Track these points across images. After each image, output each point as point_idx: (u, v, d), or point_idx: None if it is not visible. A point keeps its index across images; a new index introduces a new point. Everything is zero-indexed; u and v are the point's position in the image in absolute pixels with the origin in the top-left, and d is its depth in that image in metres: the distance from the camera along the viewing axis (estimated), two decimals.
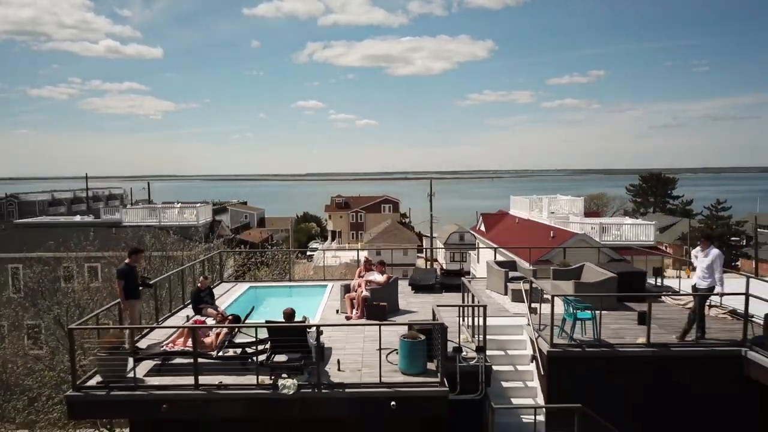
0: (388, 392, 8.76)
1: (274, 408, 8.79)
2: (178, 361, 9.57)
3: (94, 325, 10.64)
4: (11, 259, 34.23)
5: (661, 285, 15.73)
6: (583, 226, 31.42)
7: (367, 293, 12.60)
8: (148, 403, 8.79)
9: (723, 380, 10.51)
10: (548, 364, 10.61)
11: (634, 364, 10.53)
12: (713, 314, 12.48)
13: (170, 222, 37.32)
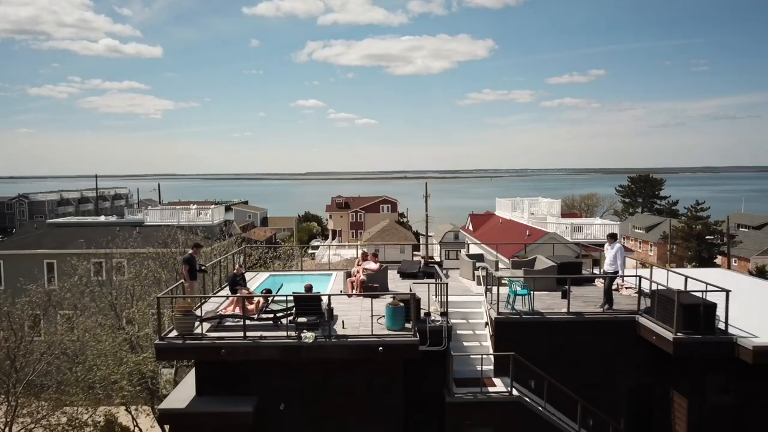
0: (377, 341, 12.69)
1: (299, 352, 12.71)
2: (228, 323, 13.50)
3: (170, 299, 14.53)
4: (46, 255, 38.17)
5: (595, 272, 19.64)
6: (558, 226, 35.35)
7: (364, 277, 16.50)
8: (210, 348, 12.72)
9: (622, 337, 14.42)
10: (495, 327, 14.55)
11: (557, 327, 14.46)
12: (626, 293, 16.37)
13: (188, 222, 41.29)
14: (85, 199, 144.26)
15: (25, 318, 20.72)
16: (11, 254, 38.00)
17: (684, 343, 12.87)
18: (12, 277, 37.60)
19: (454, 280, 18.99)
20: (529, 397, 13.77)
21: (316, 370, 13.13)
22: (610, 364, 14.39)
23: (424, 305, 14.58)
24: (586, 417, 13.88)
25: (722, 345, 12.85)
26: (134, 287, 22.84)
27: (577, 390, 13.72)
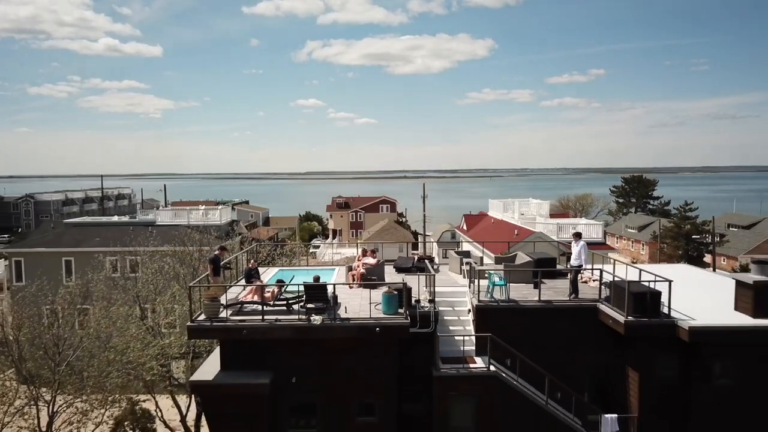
0: (375, 323, 15.04)
1: (308, 333, 15.05)
2: (248, 308, 15.85)
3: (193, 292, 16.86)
4: (65, 253, 40.50)
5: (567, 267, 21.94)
6: (546, 226, 37.69)
7: (364, 271, 18.84)
8: (233, 329, 15.07)
9: (585, 321, 16.75)
10: (476, 313, 16.90)
11: (529, 313, 16.80)
12: (593, 285, 18.69)
13: (197, 222, 43.62)
14: (89, 199, 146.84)
15: (66, 308, 22.93)
16: (32, 252, 40.31)
17: (633, 325, 15.22)
18: (32, 273, 39.88)
19: (443, 274, 21.37)
20: (504, 373, 16.11)
21: (323, 348, 15.48)
22: (574, 345, 16.72)
23: (416, 294, 16.93)
24: (553, 390, 16.22)
25: (665, 327, 15.21)
26: (157, 281, 25.13)
27: (546, 367, 16.06)
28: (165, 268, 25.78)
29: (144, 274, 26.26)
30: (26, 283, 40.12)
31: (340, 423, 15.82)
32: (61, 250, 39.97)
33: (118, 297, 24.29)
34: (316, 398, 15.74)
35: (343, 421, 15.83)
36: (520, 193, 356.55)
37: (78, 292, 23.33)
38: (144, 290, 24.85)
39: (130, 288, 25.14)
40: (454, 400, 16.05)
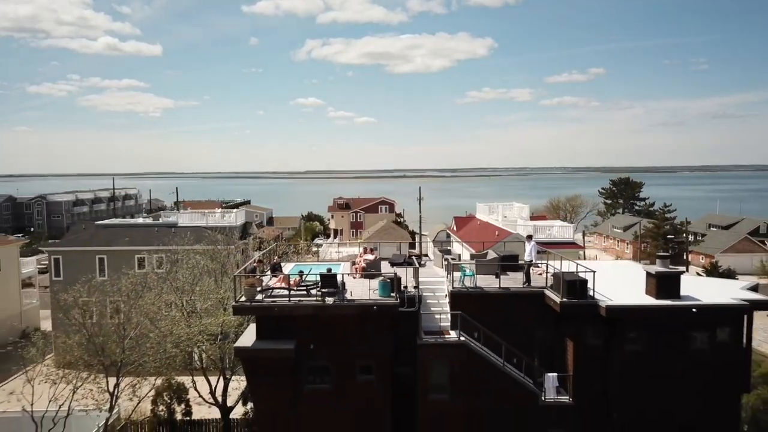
0: (373, 303, 20.07)
1: (323, 310, 20.08)
2: (277, 292, 20.89)
3: (238, 280, 21.90)
4: (97, 251, 45.47)
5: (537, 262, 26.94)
6: (525, 228, 42.67)
7: (364, 264, 23.86)
8: (267, 308, 20.10)
9: (535, 304, 21.75)
10: (451, 297, 21.93)
11: (491, 297, 21.81)
12: (544, 276, 23.68)
13: (215, 224, 48.62)
14: (98, 199, 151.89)
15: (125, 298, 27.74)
16: (69, 250, 45.28)
17: (566, 305, 20.25)
18: (69, 269, 44.96)
19: (429, 268, 26.47)
20: (472, 342, 21.14)
21: (334, 323, 20.50)
22: (526, 321, 21.73)
23: (404, 282, 21.97)
24: (510, 356, 21.23)
25: (590, 306, 20.24)
26: (193, 275, 30.06)
27: (504, 338, 21.08)
28: (201, 264, 30.70)
29: (181, 268, 31.05)
30: (64, 278, 45.30)
31: (347, 380, 20.85)
32: (96, 249, 44.96)
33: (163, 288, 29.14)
34: (328, 361, 20.77)
35: (349, 379, 20.87)
36: (518, 193, 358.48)
37: (138, 282, 28.17)
38: (184, 282, 29.72)
39: (171, 281, 30.00)
40: (433, 363, 21.09)
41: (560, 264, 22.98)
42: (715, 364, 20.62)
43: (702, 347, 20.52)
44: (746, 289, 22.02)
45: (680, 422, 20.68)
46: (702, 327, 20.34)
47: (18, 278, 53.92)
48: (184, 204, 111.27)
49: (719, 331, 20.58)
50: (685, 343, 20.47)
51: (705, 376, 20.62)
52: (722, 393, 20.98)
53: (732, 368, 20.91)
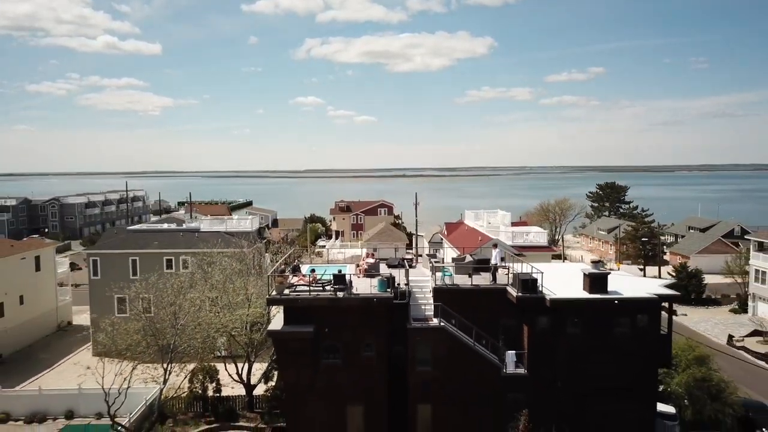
0: (373, 296, 26.33)
1: (335, 302, 26.34)
2: (299, 288, 27.14)
3: (272, 279, 28.14)
4: (130, 253, 51.51)
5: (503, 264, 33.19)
6: (506, 234, 48.90)
7: (366, 266, 30.09)
8: (292, 299, 26.37)
9: (499, 298, 27.97)
10: (434, 291, 28.19)
11: (466, 292, 28.05)
12: (507, 275, 29.87)
13: (233, 229, 54.77)
14: (108, 201, 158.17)
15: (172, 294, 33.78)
16: (106, 253, 51.36)
17: (521, 298, 26.47)
18: (106, 270, 51.08)
19: (418, 269, 32.70)
20: (449, 327, 27.35)
21: (343, 312, 26.71)
22: (493, 311, 27.96)
23: (398, 280, 28.20)
24: (479, 338, 27.44)
25: (539, 299, 26.47)
26: (225, 275, 36.24)
27: (475, 323, 27.30)
28: (232, 266, 36.90)
29: (215, 269, 37.15)
30: (101, 277, 51.43)
31: (353, 356, 27.06)
32: (129, 252, 51.03)
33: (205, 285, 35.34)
34: (339, 341, 26.99)
35: (355, 356, 27.08)
36: (516, 193, 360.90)
37: (185, 281, 34.31)
38: (218, 281, 35.87)
39: (207, 279, 36.17)
40: (419, 343, 27.31)
41: (520, 266, 29.23)
42: (637, 344, 26.88)
43: (625, 330, 26.79)
44: (662, 286, 28.26)
45: (609, 387, 26.92)
46: (624, 315, 26.62)
47: (54, 277, 60.09)
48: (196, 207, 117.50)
49: (639, 318, 26.84)
50: (612, 327, 26.75)
51: (628, 353, 26.88)
52: (644, 366, 27.25)
53: (651, 347, 27.17)
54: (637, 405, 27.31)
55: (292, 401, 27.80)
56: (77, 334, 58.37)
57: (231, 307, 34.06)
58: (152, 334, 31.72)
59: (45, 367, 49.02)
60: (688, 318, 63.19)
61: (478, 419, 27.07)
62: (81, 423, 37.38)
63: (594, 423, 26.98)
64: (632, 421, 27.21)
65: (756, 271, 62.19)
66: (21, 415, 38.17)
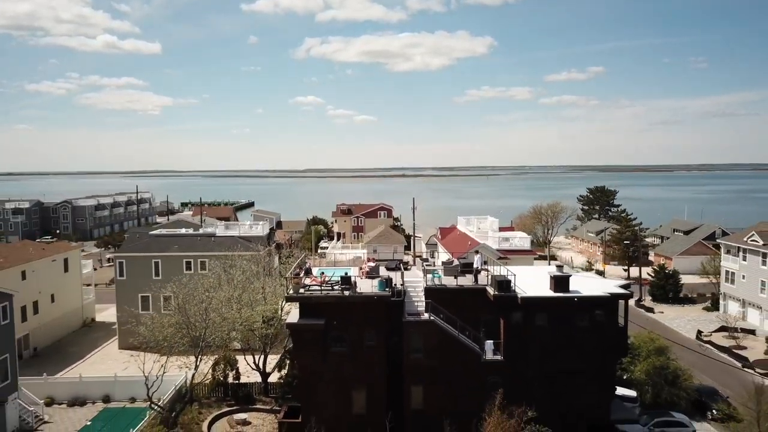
0: (373, 294, 31.59)
1: (342, 299, 31.60)
2: (312, 287, 32.39)
3: (289, 280, 33.36)
4: (153, 256, 56.71)
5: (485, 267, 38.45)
6: (494, 239, 54.12)
7: (368, 269, 35.31)
8: (307, 297, 31.63)
9: (480, 296, 33.19)
10: (425, 290, 33.44)
11: (453, 291, 33.28)
12: (487, 277, 35.06)
13: (246, 233, 59.99)
14: (116, 203, 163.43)
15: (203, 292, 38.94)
16: (131, 256, 56.56)
17: (498, 296, 31.69)
18: (131, 271, 56.29)
19: (413, 271, 37.90)
20: (438, 320, 32.55)
21: (349, 308, 31.92)
22: (475, 307, 33.14)
23: (395, 281, 33.43)
24: (463, 329, 32.62)
25: (512, 297, 31.67)
26: (246, 276, 41.45)
27: (459, 318, 32.48)
28: (252, 268, 42.13)
29: (237, 271, 42.34)
30: (126, 278, 56.63)
31: (357, 345, 32.27)
32: (152, 255, 56.24)
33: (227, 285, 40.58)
34: (345, 332, 32.20)
35: (359, 345, 32.29)
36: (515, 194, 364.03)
37: (214, 281, 39.51)
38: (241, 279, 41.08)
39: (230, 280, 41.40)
40: (413, 334, 32.50)
41: (498, 269, 34.45)
42: (595, 335, 32.09)
43: (585, 323, 32.01)
44: (618, 286, 33.50)
45: (572, 371, 32.12)
46: (584, 310, 31.85)
47: (80, 278, 65.29)
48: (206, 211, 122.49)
49: (597, 313, 32.07)
50: (574, 321, 31.97)
51: (588, 342, 32.09)
52: (601, 354, 32.45)
53: (608, 338, 32.39)
54: (595, 387, 32.52)
55: (305, 383, 33.04)
56: (101, 330, 63.69)
57: (251, 304, 39.28)
58: (185, 327, 36.85)
59: (77, 359, 54.27)
60: (664, 315, 68.48)
61: (462, 398, 32.26)
62: (117, 406, 42.59)
63: (558, 402, 32.18)
64: (591, 401, 32.42)
65: (726, 272, 67.43)
66: (63, 400, 43.39)
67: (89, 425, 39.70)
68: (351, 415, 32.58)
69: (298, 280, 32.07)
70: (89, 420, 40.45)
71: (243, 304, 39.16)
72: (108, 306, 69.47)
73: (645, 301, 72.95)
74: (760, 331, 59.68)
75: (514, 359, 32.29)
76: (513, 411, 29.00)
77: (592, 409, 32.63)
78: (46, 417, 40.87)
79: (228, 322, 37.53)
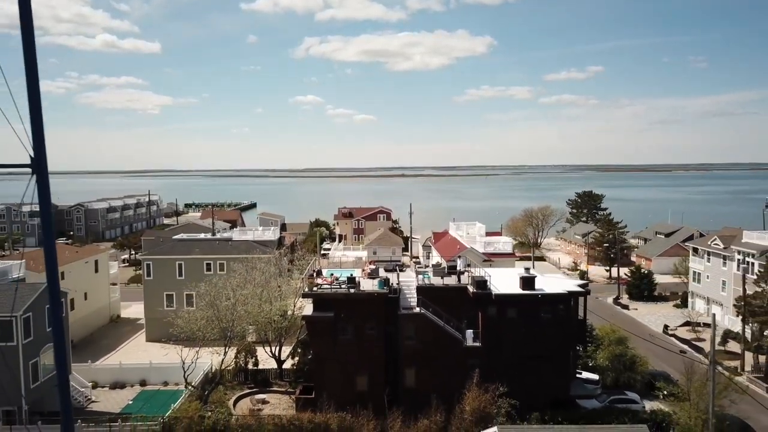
0: (374, 292, 38.47)
1: (348, 295, 38.45)
2: (324, 286, 39.26)
3: (304, 280, 40.21)
4: (177, 258, 63.54)
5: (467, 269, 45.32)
6: (481, 243, 60.93)
7: (369, 270, 42.14)
8: (320, 294, 38.51)
9: (463, 293, 40.03)
10: (417, 289, 40.31)
11: (440, 289, 40.14)
12: (468, 277, 41.89)
13: (259, 238, 66.81)
14: (126, 206, 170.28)
15: (230, 290, 45.73)
16: (157, 258, 63.38)
17: (476, 294, 38.54)
18: (157, 272, 63.09)
19: (407, 272, 44.73)
20: (428, 314, 39.37)
21: (353, 303, 38.75)
22: (458, 304, 39.94)
23: (392, 281, 40.27)
24: (448, 321, 39.46)
25: (488, 294, 38.54)
26: (265, 277, 48.26)
27: (445, 311, 39.32)
28: (270, 269, 48.98)
29: (258, 272, 49.14)
30: (153, 277, 63.42)
31: (361, 335, 39.12)
32: (176, 257, 63.03)
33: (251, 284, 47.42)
34: (350, 322, 39.04)
35: (362, 333, 39.14)
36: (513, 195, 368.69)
37: (240, 281, 46.34)
38: (261, 279, 47.92)
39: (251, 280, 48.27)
40: (406, 325, 39.33)
41: (477, 270, 41.28)
42: (557, 326, 38.93)
43: (548, 316, 38.87)
44: (577, 285, 40.34)
45: (537, 356, 38.97)
46: (546, 305, 38.71)
47: (108, 277, 72.10)
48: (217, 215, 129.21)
49: (559, 307, 38.92)
50: (539, 314, 38.81)
51: (551, 333, 38.94)
52: (563, 342, 39.31)
53: (569, 329, 39.24)
54: (557, 369, 39.41)
55: (318, 366, 39.91)
56: (127, 324, 70.53)
57: (270, 301, 46.18)
58: (216, 320, 43.70)
59: (110, 350, 61.07)
60: (638, 312, 75.31)
61: (446, 377, 39.11)
62: (152, 389, 49.40)
63: (526, 381, 39.03)
64: (554, 380, 39.28)
65: (693, 273, 74.31)
66: (106, 383, 50.21)
67: (131, 404, 46.49)
68: (355, 391, 39.40)
69: (311, 280, 38.91)
70: (130, 400, 47.26)
71: (263, 300, 45.95)
72: (129, 303, 76.45)
73: (622, 299, 79.75)
74: (720, 326, 66.50)
75: (489, 345, 39.13)
76: (488, 388, 35.87)
77: (554, 387, 39.49)
78: (93, 397, 47.67)
79: (251, 315, 44.30)
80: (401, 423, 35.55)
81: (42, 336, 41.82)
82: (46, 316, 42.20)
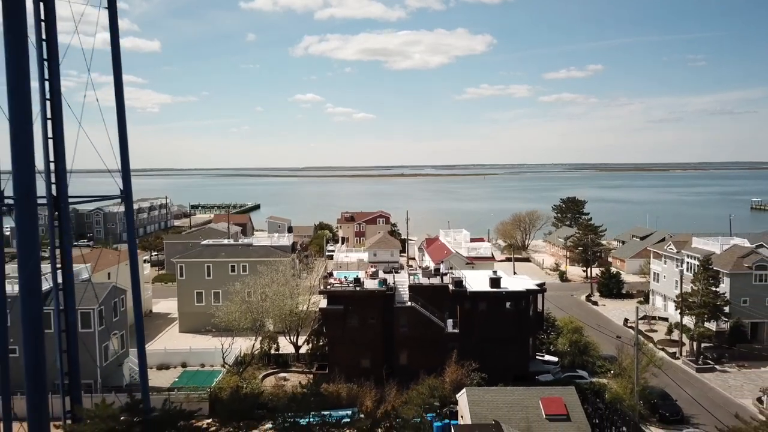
0: (376, 289, 49.21)
1: (355, 292, 49.15)
2: (336, 285, 49.97)
3: (321, 280, 50.88)
4: (206, 261, 74.21)
5: (449, 271, 55.98)
6: (465, 248, 71.51)
7: (371, 272, 52.80)
8: (332, 291, 49.23)
9: (444, 291, 50.69)
10: (409, 287, 51.03)
11: (427, 287, 50.83)
12: (449, 278, 52.54)
13: (275, 243, 77.49)
14: (141, 209, 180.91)
15: (260, 288, 56.26)
16: (188, 261, 73.98)
17: (454, 291, 49.22)
18: (189, 273, 73.74)
19: (402, 274, 55.47)
20: (417, 306, 50.03)
21: (359, 298, 49.42)
22: (442, 300, 50.57)
23: (390, 280, 50.95)
24: (433, 312, 50.11)
25: (464, 291, 49.22)
26: (285, 277, 58.82)
27: (431, 304, 49.98)
28: (290, 271, 59.56)
29: (280, 273, 59.70)
30: (185, 278, 74.05)
31: (365, 323, 49.79)
32: (206, 260, 73.65)
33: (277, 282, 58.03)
34: (356, 313, 49.71)
35: (365, 322, 49.83)
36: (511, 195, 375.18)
37: (267, 280, 56.95)
38: (283, 279, 58.50)
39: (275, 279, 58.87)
40: (400, 316, 49.99)
41: (456, 272, 51.95)
42: (518, 317, 49.57)
43: (511, 310, 49.52)
44: (535, 284, 50.99)
45: (502, 339, 49.62)
46: (510, 300, 49.37)
47: (142, 276, 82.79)
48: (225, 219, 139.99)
49: (521, 302, 49.57)
50: (504, 307, 49.46)
51: (513, 322, 49.59)
52: (524, 329, 49.97)
53: (528, 319, 49.89)
54: (519, 350, 50.08)
55: (331, 347, 50.57)
56: (159, 318, 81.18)
57: (291, 296, 56.91)
58: (249, 312, 54.37)
59: (149, 339, 71.60)
60: (605, 307, 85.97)
61: (431, 356, 49.74)
62: (192, 370, 60.05)
63: (494, 359, 49.66)
64: (516, 359, 49.94)
65: (653, 273, 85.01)
66: (153, 365, 60.77)
67: (177, 381, 57.15)
68: (360, 368, 50.03)
69: (326, 280, 49.57)
70: (177, 377, 57.95)
71: (285, 296, 56.67)
72: (158, 300, 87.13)
73: (594, 296, 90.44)
74: (672, 319, 77.22)
75: (465, 331, 49.79)
76: (463, 364, 46.51)
77: (516, 364, 50.16)
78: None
79: (277, 308, 55.01)
80: (396, 391, 46.22)
81: (110, 324, 52.49)
82: (112, 309, 52.87)
